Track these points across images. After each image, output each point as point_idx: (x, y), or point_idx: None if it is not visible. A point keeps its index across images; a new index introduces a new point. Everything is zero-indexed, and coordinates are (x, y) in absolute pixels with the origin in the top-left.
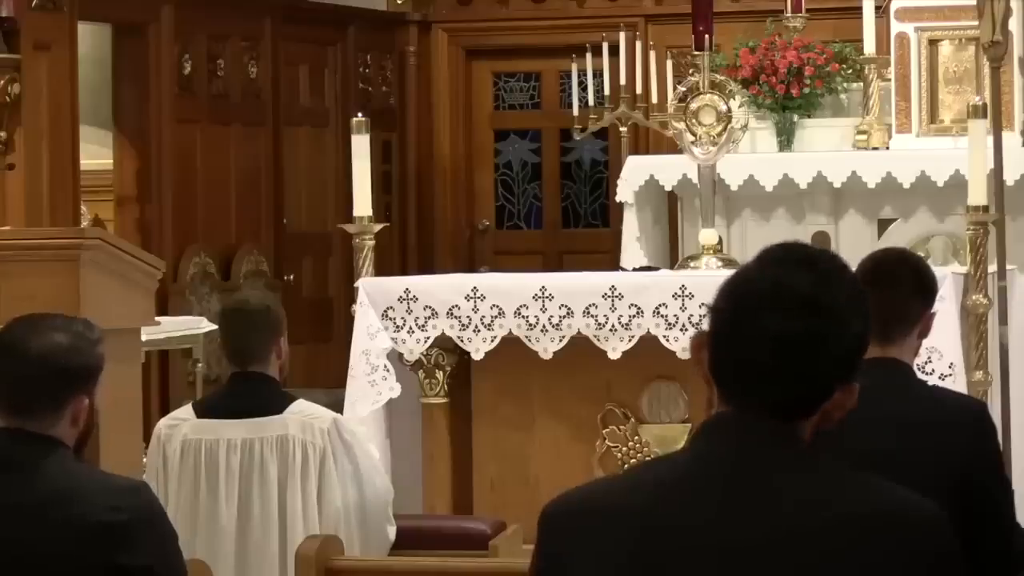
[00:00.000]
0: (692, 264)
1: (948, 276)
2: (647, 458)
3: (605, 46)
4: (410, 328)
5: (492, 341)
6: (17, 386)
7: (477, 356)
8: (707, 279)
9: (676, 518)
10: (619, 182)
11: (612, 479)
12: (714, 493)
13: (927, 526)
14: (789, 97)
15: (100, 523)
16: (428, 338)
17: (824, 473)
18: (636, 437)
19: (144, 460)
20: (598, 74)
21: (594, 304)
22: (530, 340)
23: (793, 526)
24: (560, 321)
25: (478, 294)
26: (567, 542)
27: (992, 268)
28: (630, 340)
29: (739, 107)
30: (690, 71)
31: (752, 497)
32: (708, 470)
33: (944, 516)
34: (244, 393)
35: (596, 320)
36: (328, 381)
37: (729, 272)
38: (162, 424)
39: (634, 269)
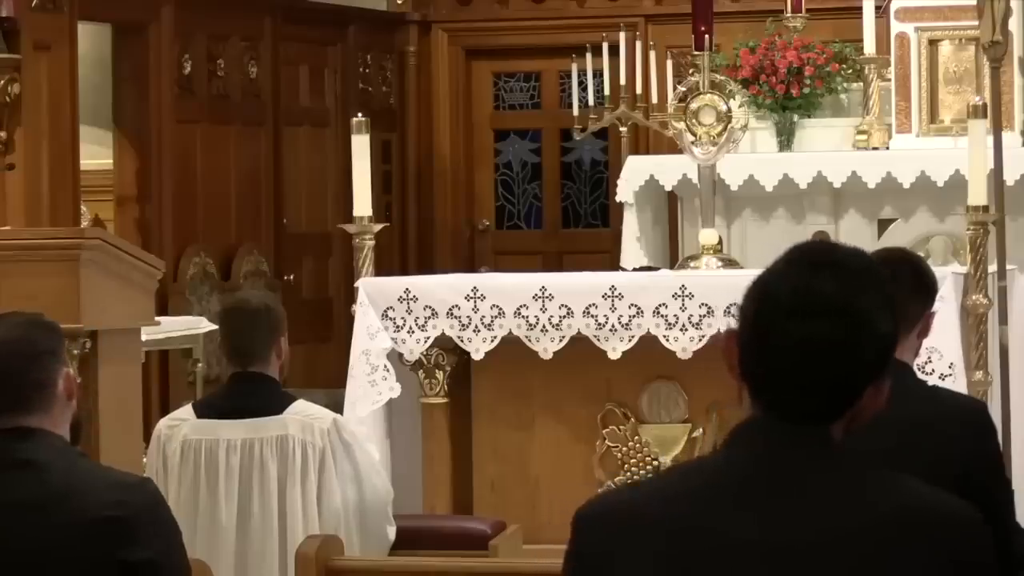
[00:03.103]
0: (692, 264)
1: (948, 276)
2: (648, 458)
3: (605, 46)
4: (410, 328)
5: (492, 341)
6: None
7: (477, 356)
8: (707, 279)
9: (716, 523)
10: (619, 182)
11: (644, 484)
12: (753, 498)
13: (966, 527)
14: (789, 97)
15: (106, 518)
16: (428, 338)
17: (859, 475)
18: (636, 437)
19: (144, 460)
20: (598, 74)
21: (594, 304)
22: (530, 340)
23: (834, 528)
24: (560, 321)
25: (478, 294)
26: (605, 545)
27: (992, 268)
28: (630, 340)
29: (739, 107)
30: (690, 71)
31: (791, 501)
32: (744, 475)
33: (981, 519)
34: (244, 393)
35: (596, 320)
36: (328, 381)
37: (729, 272)
38: (162, 424)
39: (634, 269)
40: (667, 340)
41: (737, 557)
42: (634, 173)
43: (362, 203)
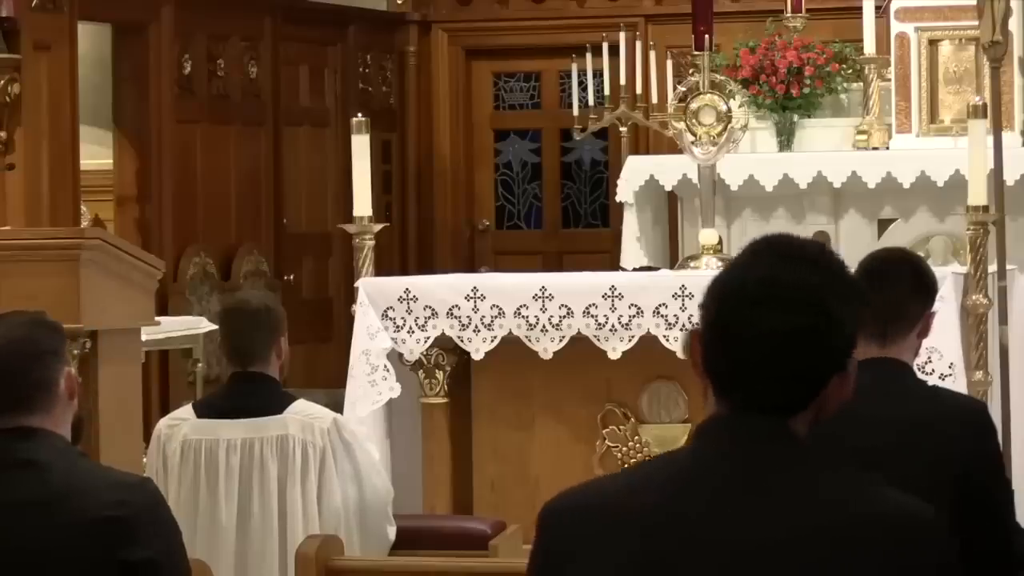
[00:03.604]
0: (692, 264)
1: (948, 276)
2: (648, 458)
3: (605, 46)
4: (410, 328)
5: (492, 341)
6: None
7: (477, 356)
8: (707, 279)
9: (677, 518)
10: (619, 182)
11: (611, 478)
12: (714, 494)
13: (925, 532)
14: (789, 97)
15: (106, 518)
16: (428, 338)
17: (824, 474)
18: (636, 437)
19: (144, 460)
20: (598, 74)
21: (594, 304)
22: (530, 340)
23: (793, 527)
24: (560, 321)
25: (478, 294)
26: (567, 540)
27: (992, 268)
28: (630, 340)
29: (739, 107)
30: (690, 71)
31: (752, 498)
32: (707, 470)
33: (942, 523)
34: (244, 393)
35: (596, 320)
36: (328, 381)
37: None
38: (162, 424)
39: (634, 269)
40: (667, 340)
41: (705, 554)
42: (634, 173)
43: (362, 203)
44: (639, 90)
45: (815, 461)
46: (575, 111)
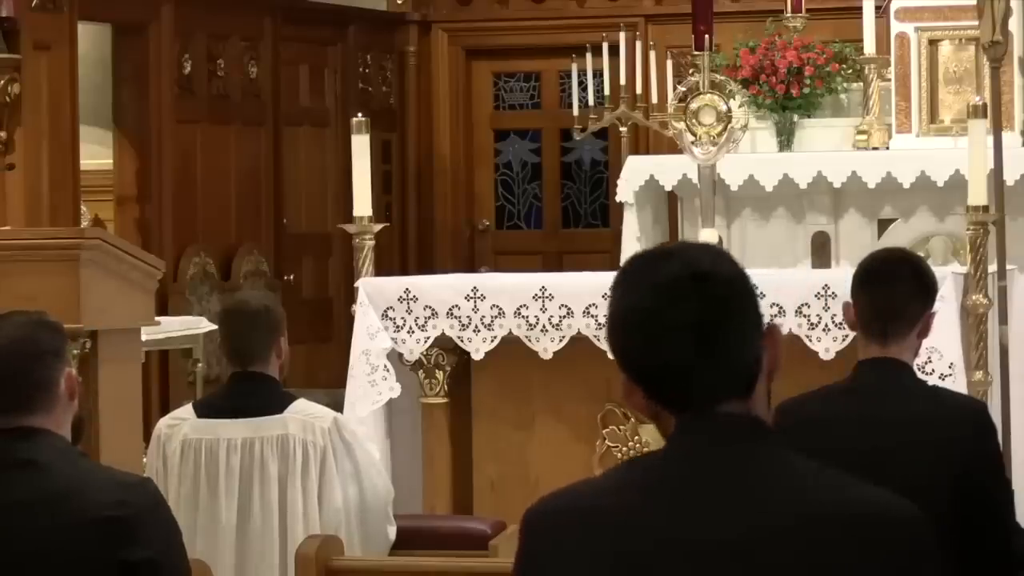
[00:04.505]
0: None
1: (948, 276)
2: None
3: (605, 46)
4: (410, 328)
5: (492, 341)
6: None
7: (477, 356)
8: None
9: (654, 519)
10: (619, 182)
11: (592, 481)
12: (684, 494)
13: (905, 526)
14: (789, 97)
15: (106, 518)
16: (428, 338)
17: (798, 471)
18: (636, 437)
19: (144, 460)
20: (598, 74)
21: (594, 304)
22: (530, 340)
23: (769, 525)
24: (560, 321)
25: (478, 294)
26: (547, 544)
27: (992, 268)
28: None
29: (739, 107)
30: (690, 71)
31: (727, 497)
32: (677, 471)
33: (923, 517)
34: (244, 393)
35: (596, 320)
36: (328, 381)
37: None
38: (162, 424)
39: None
40: None
41: (678, 554)
42: (634, 173)
43: (362, 203)
44: (639, 90)
45: (790, 458)
46: (575, 111)
